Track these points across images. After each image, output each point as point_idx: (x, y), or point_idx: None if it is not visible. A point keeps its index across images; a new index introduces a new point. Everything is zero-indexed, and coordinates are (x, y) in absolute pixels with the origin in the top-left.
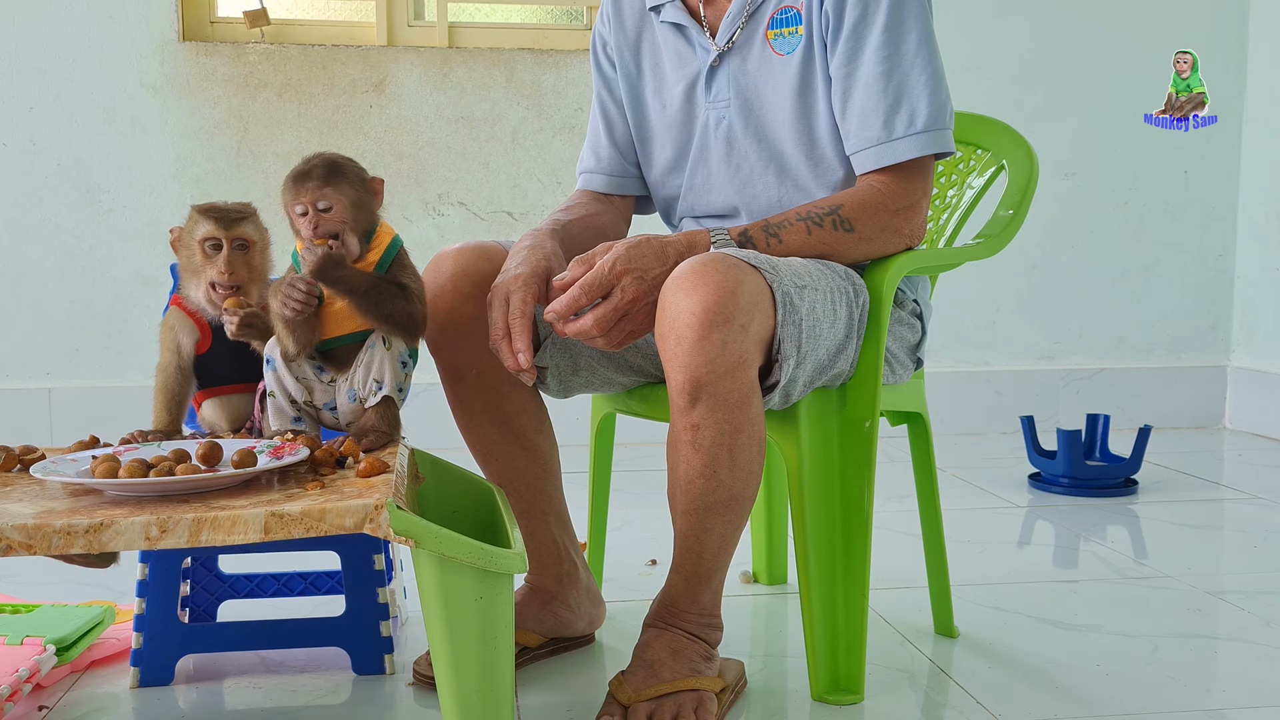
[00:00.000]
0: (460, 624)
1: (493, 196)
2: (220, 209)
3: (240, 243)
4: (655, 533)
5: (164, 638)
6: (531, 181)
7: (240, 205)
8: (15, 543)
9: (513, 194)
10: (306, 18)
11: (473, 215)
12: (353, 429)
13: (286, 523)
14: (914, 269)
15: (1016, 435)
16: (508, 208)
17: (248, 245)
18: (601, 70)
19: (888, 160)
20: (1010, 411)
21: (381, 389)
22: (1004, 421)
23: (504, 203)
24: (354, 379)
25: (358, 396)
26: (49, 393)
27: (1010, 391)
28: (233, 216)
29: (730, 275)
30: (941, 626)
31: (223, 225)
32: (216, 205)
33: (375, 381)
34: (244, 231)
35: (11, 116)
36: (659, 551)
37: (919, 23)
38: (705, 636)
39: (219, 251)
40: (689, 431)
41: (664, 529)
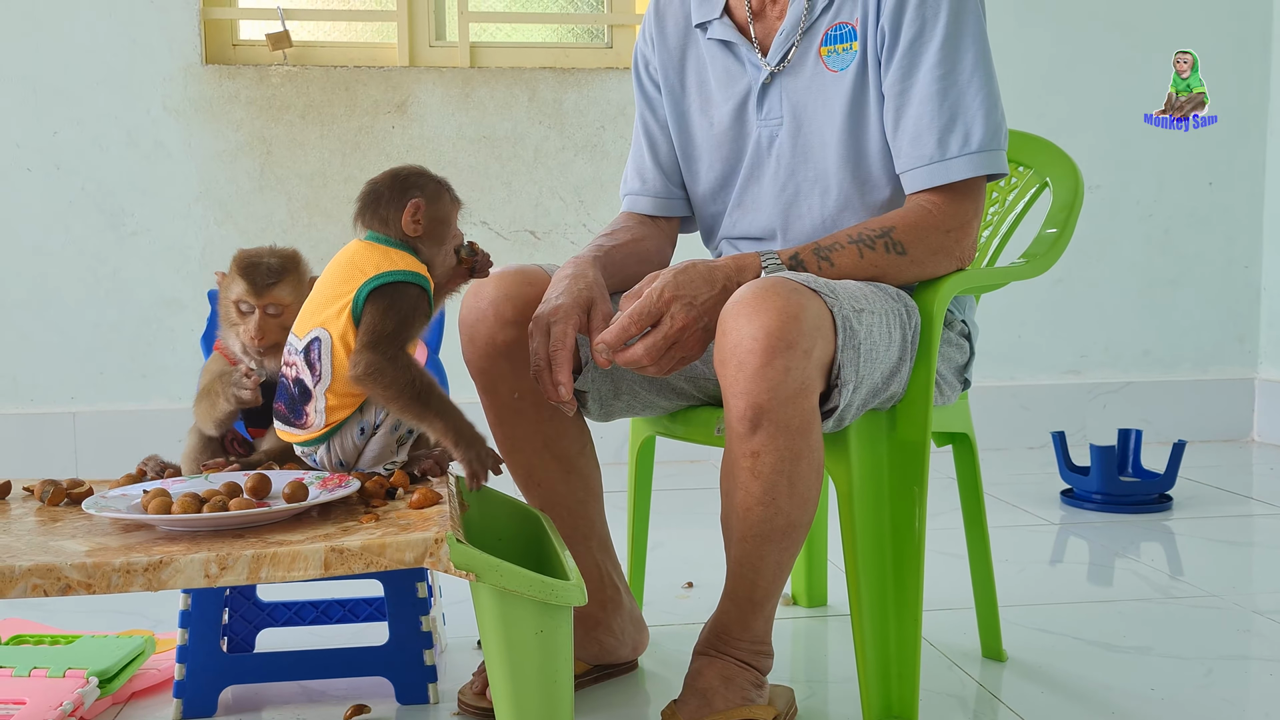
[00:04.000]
0: (521, 657)
1: (515, 216)
2: (257, 267)
3: (273, 309)
4: (690, 554)
5: (207, 669)
6: (554, 200)
7: (279, 262)
8: (75, 582)
9: (535, 213)
10: (328, 39)
11: (495, 235)
12: (421, 455)
13: (346, 558)
14: (964, 289)
15: (1044, 450)
16: (530, 227)
17: (281, 310)
18: (644, 90)
19: (940, 180)
20: (1037, 426)
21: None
22: (1031, 436)
23: (526, 222)
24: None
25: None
26: (74, 417)
27: (1036, 406)
28: (267, 280)
29: (793, 300)
30: (989, 650)
31: (255, 292)
32: (255, 261)
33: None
34: (277, 296)
35: (37, 141)
36: (695, 574)
37: (976, 42)
38: (757, 664)
39: (252, 314)
40: (748, 458)
41: (699, 550)
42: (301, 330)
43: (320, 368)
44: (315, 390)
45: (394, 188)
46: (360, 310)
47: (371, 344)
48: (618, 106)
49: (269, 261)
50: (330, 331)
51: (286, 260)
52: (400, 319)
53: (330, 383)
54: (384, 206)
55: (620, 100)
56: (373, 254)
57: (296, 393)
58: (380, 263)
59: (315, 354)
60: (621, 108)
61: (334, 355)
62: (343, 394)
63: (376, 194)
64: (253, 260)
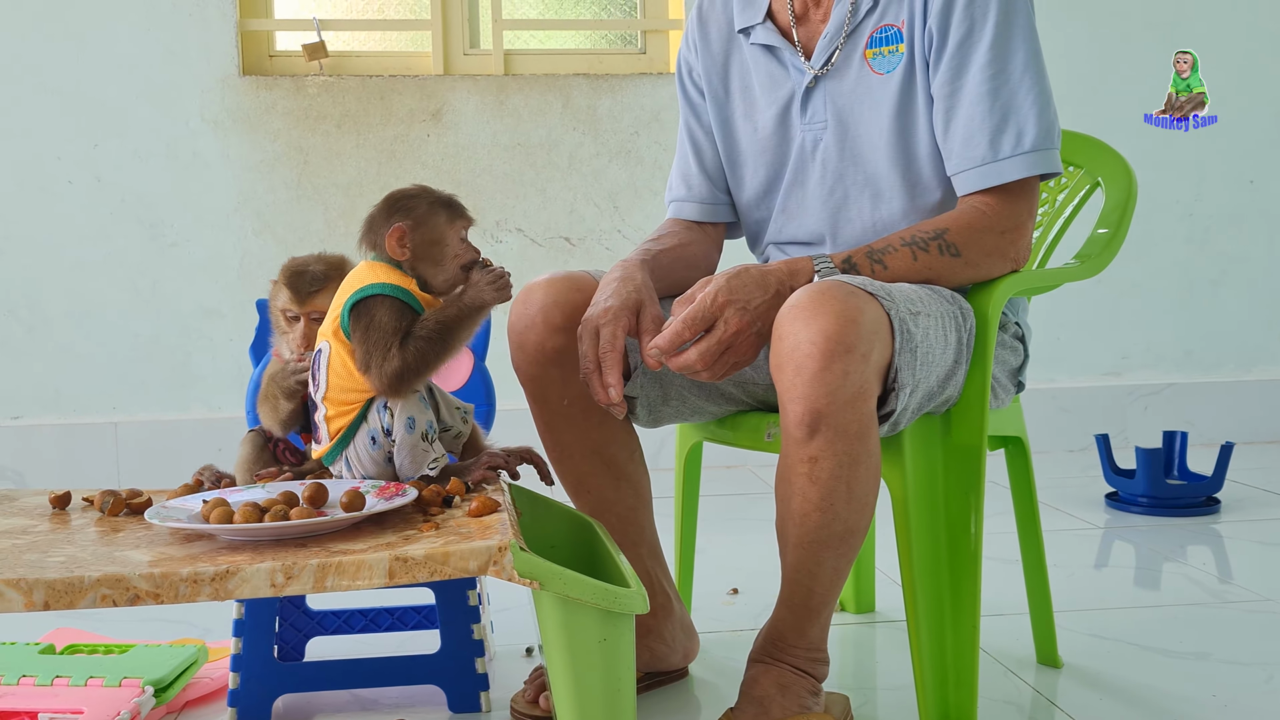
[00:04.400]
0: (584, 666)
1: (550, 222)
2: (300, 276)
3: (316, 315)
4: (733, 559)
5: (261, 678)
6: (588, 206)
7: (324, 270)
8: (143, 592)
9: (570, 219)
10: (364, 49)
11: (530, 242)
12: (475, 461)
13: (411, 567)
14: (1018, 291)
15: (1085, 453)
16: (565, 233)
17: (324, 316)
18: (688, 97)
19: (993, 181)
20: (1077, 429)
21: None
22: (1071, 439)
23: (561, 228)
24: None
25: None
26: (115, 427)
27: (1076, 408)
28: (310, 288)
29: (850, 303)
30: (1044, 656)
31: (299, 299)
32: (300, 270)
33: (460, 410)
34: (320, 304)
35: (77, 154)
36: (739, 580)
37: (1027, 40)
38: (813, 671)
39: (298, 321)
40: (806, 464)
41: (742, 556)
42: (314, 347)
43: (319, 377)
44: (318, 399)
45: (383, 212)
46: (347, 325)
47: (368, 366)
48: (651, 112)
49: (313, 270)
50: (330, 342)
51: (331, 268)
52: (379, 329)
53: (326, 390)
54: (374, 231)
55: (654, 105)
56: (360, 271)
57: (312, 406)
58: (365, 278)
59: (317, 365)
60: (656, 113)
61: (329, 364)
62: (338, 401)
63: (370, 219)
64: (297, 269)
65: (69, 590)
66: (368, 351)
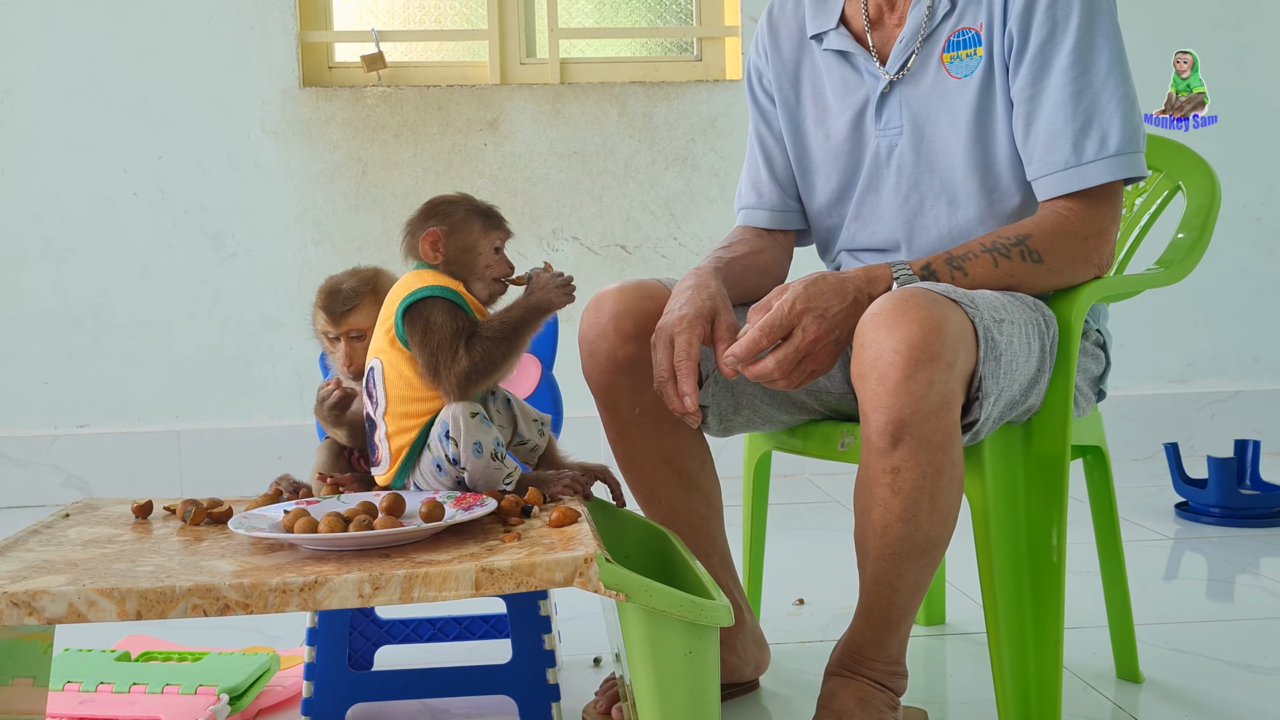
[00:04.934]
0: (669, 679)
1: (606, 230)
2: (333, 296)
3: (355, 334)
4: (796, 569)
5: (335, 687)
6: (645, 214)
7: (354, 285)
8: (233, 602)
9: (626, 227)
10: (421, 59)
11: (586, 250)
12: (554, 477)
13: (497, 578)
14: (1102, 297)
15: (1151, 462)
16: (621, 241)
17: (363, 334)
18: (758, 103)
19: (1076, 185)
20: (1142, 437)
21: (544, 428)
22: (1136, 448)
23: (617, 236)
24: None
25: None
26: (178, 435)
27: (1140, 416)
28: (343, 307)
29: (935, 311)
30: (1125, 670)
31: (333, 320)
32: (332, 290)
33: (537, 422)
34: (354, 323)
35: (142, 166)
36: (804, 589)
37: (1110, 42)
38: (891, 685)
39: (338, 342)
40: (888, 474)
41: (805, 566)
42: (366, 365)
43: (377, 395)
44: (377, 418)
45: (420, 216)
46: (403, 331)
47: (435, 369)
48: (708, 119)
49: (344, 289)
50: (382, 359)
51: (363, 283)
52: (439, 331)
53: (386, 407)
54: (411, 235)
55: (711, 113)
56: (407, 278)
57: (369, 428)
58: (413, 283)
59: (372, 383)
60: (712, 120)
61: (386, 380)
62: (400, 416)
63: (409, 224)
64: (330, 290)
65: (161, 600)
66: (432, 355)
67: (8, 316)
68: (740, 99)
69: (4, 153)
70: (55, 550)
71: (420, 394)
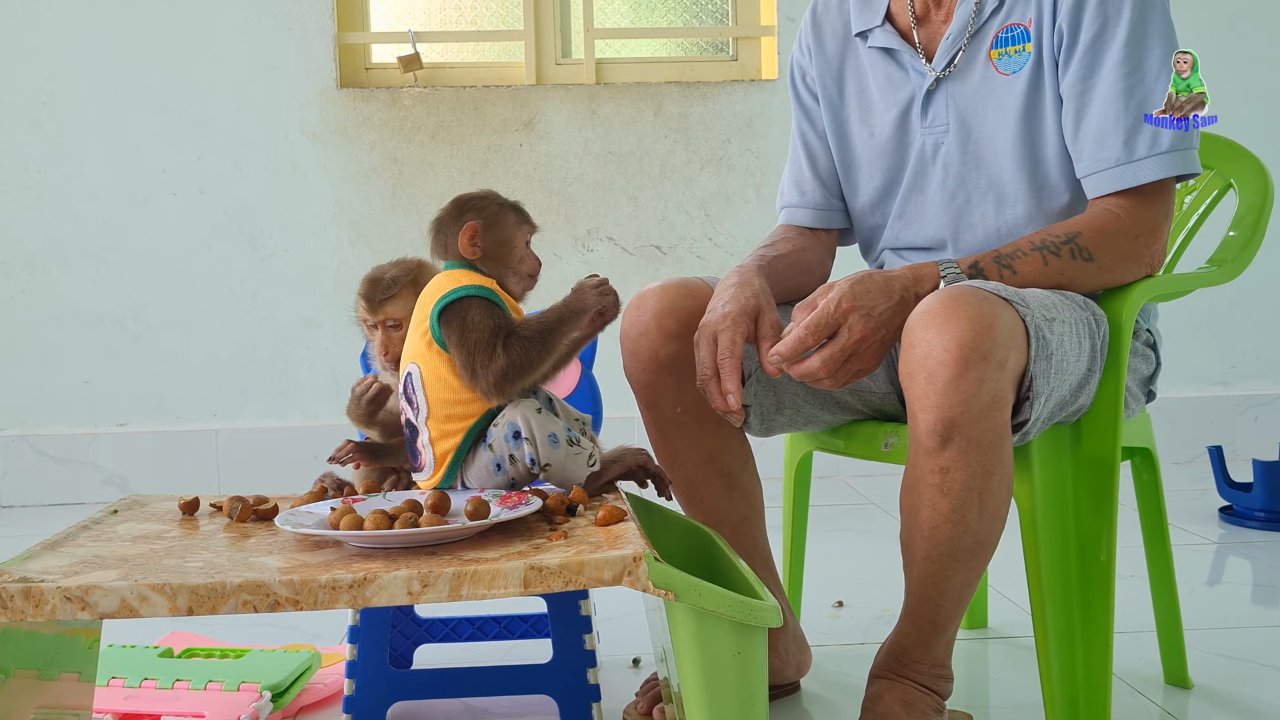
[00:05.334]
0: (717, 680)
1: (641, 231)
2: (374, 284)
3: (391, 323)
4: (834, 571)
5: (376, 685)
6: (680, 215)
7: (395, 275)
8: (283, 598)
9: (661, 228)
10: (458, 60)
11: (621, 250)
12: (609, 470)
13: (546, 576)
14: (1153, 296)
15: (1193, 465)
16: (656, 242)
17: (399, 323)
18: (801, 101)
19: (1128, 182)
20: (1183, 440)
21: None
22: (1178, 450)
23: (652, 237)
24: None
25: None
26: (216, 434)
27: (1183, 419)
28: (380, 297)
29: (985, 309)
30: (1173, 676)
31: (371, 307)
32: (374, 278)
33: (579, 421)
34: (391, 312)
35: (182, 167)
36: (842, 592)
37: (1163, 37)
38: (937, 688)
39: (375, 329)
40: (937, 474)
41: (843, 567)
42: (401, 370)
43: (417, 400)
44: (419, 424)
45: (452, 213)
46: (439, 333)
47: (473, 369)
48: (744, 119)
49: (385, 277)
50: (419, 363)
51: (405, 272)
52: (477, 330)
53: (429, 412)
54: (443, 232)
55: (746, 113)
56: (439, 280)
57: (409, 434)
58: (447, 284)
59: (411, 388)
60: (748, 120)
61: (425, 385)
62: (443, 419)
63: (438, 221)
64: (372, 278)
65: (211, 596)
66: (470, 354)
67: (49, 316)
68: (776, 99)
69: (47, 153)
70: (105, 546)
71: (462, 397)
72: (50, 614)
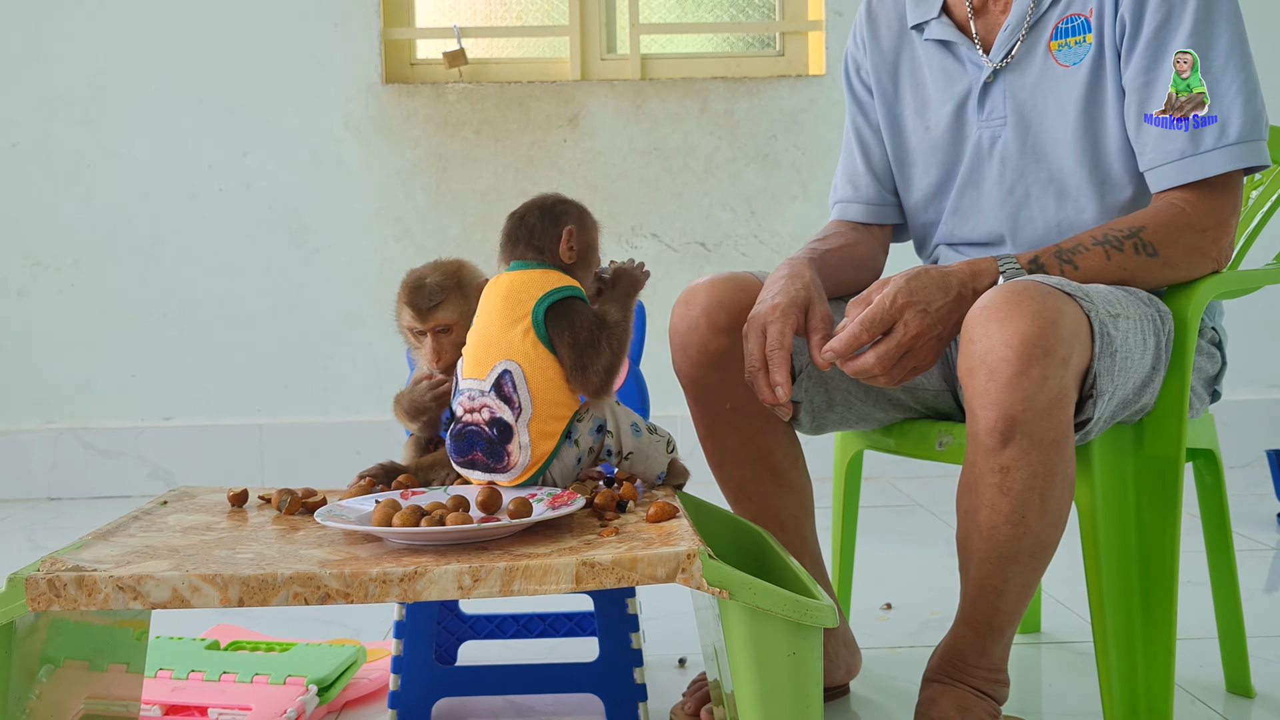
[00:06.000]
0: (772, 680)
1: (685, 228)
2: (419, 292)
3: (442, 328)
4: (882, 574)
5: (422, 680)
6: (725, 212)
7: (440, 280)
8: (334, 591)
9: (705, 224)
10: (503, 56)
11: (665, 247)
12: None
13: (598, 572)
14: (1220, 293)
15: (1251, 469)
16: (700, 239)
17: (450, 328)
18: (856, 95)
19: (1194, 175)
20: (1241, 444)
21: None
22: (1235, 454)
23: (697, 234)
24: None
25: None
26: (260, 429)
27: (1240, 423)
28: (429, 305)
29: (1049, 304)
30: (1235, 684)
31: (420, 316)
32: (418, 285)
33: (634, 425)
34: (441, 318)
35: (229, 162)
36: (890, 594)
37: (1230, 24)
38: (993, 693)
39: (424, 339)
40: (996, 474)
41: (890, 569)
42: (480, 370)
43: (519, 399)
44: (517, 425)
45: (545, 216)
46: (543, 327)
47: (584, 368)
48: (790, 115)
49: (430, 284)
50: (517, 360)
51: (448, 277)
52: (587, 329)
53: (532, 412)
54: (538, 236)
55: (793, 109)
56: (531, 277)
57: (495, 434)
58: (543, 283)
59: (510, 387)
60: (794, 116)
61: (530, 384)
62: (547, 419)
63: (529, 224)
64: (415, 285)
65: (263, 587)
66: (579, 353)
67: (97, 310)
68: (823, 95)
69: (96, 148)
70: (156, 536)
71: (564, 396)
72: (103, 603)
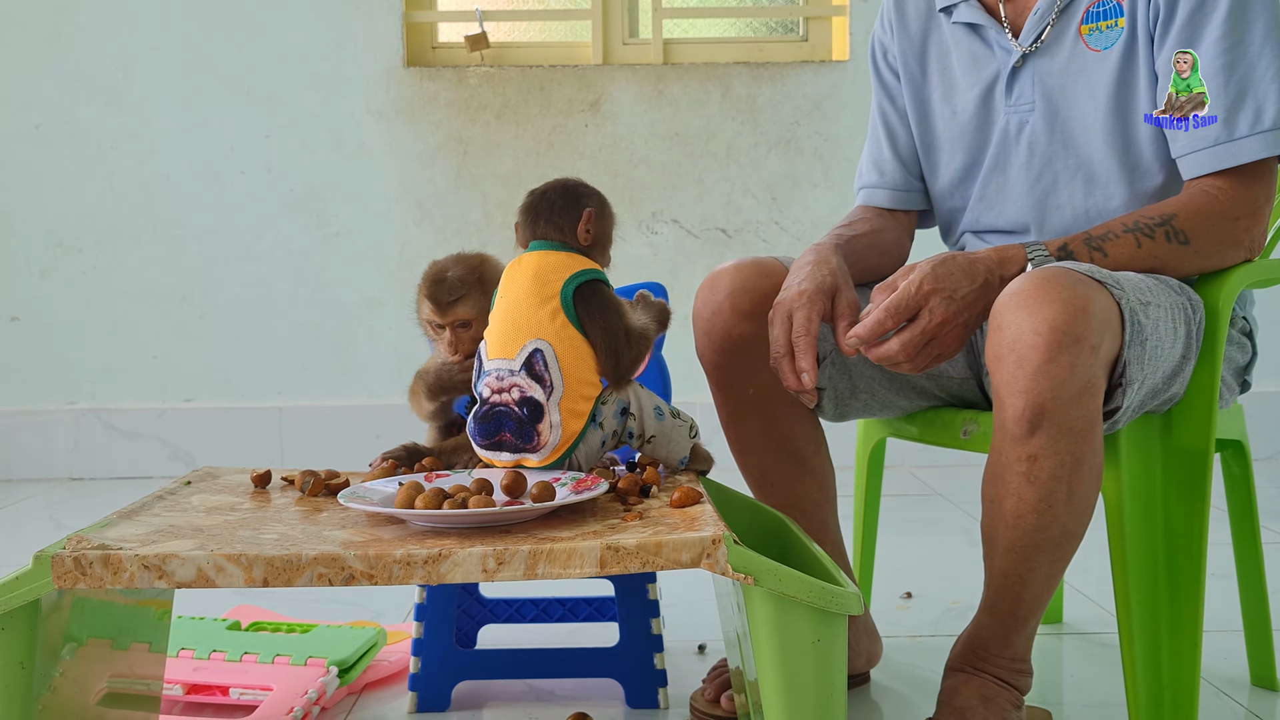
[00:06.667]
0: (796, 667)
1: (706, 214)
2: (440, 286)
3: (461, 323)
4: (903, 563)
5: (442, 663)
6: (746, 198)
7: (461, 274)
8: (359, 572)
9: (726, 211)
10: (525, 39)
11: (686, 233)
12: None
13: (623, 556)
14: (1252, 282)
15: (1271, 462)
16: (721, 225)
17: (469, 323)
18: (882, 79)
19: (1228, 162)
20: (1265, 435)
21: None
22: (1259, 446)
23: (718, 220)
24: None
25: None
26: (280, 411)
27: (1263, 414)
28: (449, 299)
29: (1079, 291)
30: (1260, 678)
31: (439, 310)
32: (438, 279)
33: (657, 409)
34: (460, 313)
35: (250, 145)
36: (910, 583)
37: (1267, 9)
38: (1016, 684)
39: (443, 331)
40: (1023, 462)
41: (910, 558)
42: (509, 350)
43: (550, 377)
44: (549, 403)
45: (566, 197)
46: (572, 307)
47: (615, 352)
48: (813, 101)
49: (450, 278)
50: (547, 339)
51: (469, 271)
52: (616, 313)
53: (564, 390)
54: (559, 215)
55: (816, 94)
56: (559, 259)
57: (525, 414)
58: (570, 265)
59: (541, 365)
60: (817, 102)
61: (562, 363)
62: (577, 398)
63: (550, 203)
64: (436, 278)
65: (287, 568)
66: (613, 337)
67: (119, 291)
68: (846, 80)
69: (120, 130)
70: (181, 516)
71: (592, 375)
72: (128, 582)
